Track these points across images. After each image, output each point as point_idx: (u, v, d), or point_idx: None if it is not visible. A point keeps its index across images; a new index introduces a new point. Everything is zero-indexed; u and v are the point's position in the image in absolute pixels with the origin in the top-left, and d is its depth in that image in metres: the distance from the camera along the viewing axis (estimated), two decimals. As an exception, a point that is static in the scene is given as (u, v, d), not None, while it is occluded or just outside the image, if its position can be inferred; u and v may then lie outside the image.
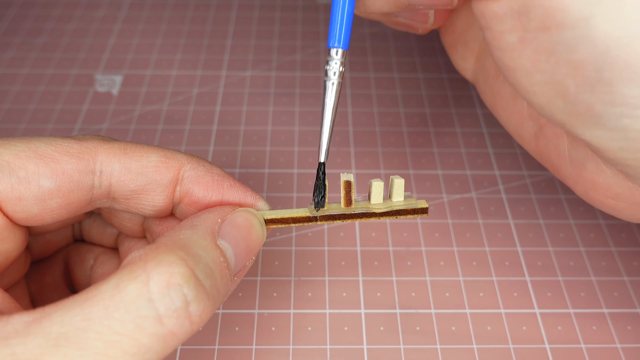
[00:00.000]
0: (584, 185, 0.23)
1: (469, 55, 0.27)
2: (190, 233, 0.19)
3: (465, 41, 0.27)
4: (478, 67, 0.27)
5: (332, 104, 0.23)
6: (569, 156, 0.23)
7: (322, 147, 0.23)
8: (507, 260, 0.30)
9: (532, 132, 0.25)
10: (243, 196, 0.22)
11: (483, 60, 0.27)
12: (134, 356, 0.16)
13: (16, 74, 0.40)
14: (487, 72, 0.26)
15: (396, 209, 0.23)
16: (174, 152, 0.22)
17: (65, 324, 0.16)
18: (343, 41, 0.22)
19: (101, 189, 0.20)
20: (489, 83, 0.26)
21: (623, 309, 0.28)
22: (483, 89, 0.27)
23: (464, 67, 0.28)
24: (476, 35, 0.27)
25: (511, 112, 0.25)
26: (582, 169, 0.22)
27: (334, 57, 0.22)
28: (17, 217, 0.19)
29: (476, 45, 0.27)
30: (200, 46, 0.43)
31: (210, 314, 0.18)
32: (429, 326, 0.27)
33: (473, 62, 0.27)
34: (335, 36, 0.22)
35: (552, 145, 0.24)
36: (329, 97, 0.23)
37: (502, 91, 0.26)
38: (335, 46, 0.22)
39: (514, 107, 0.25)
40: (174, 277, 0.17)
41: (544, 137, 0.24)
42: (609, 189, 0.22)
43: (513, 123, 0.26)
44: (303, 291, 0.28)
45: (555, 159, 0.24)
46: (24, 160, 0.19)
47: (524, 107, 0.25)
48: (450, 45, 0.28)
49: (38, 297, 0.24)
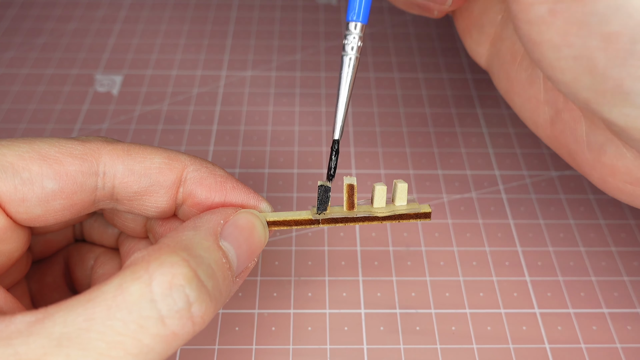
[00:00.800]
0: (601, 170, 0.22)
1: (484, 40, 0.27)
2: (192, 234, 0.19)
3: (480, 25, 0.27)
4: (493, 52, 0.27)
5: (349, 79, 0.22)
6: (586, 140, 0.22)
7: (337, 124, 0.22)
8: (507, 260, 0.30)
9: (548, 118, 0.24)
10: (246, 198, 0.22)
11: (498, 45, 0.26)
12: (136, 356, 0.16)
13: (16, 74, 0.40)
14: (502, 58, 0.26)
15: (399, 213, 0.23)
16: (177, 154, 0.22)
17: (68, 324, 0.16)
18: (363, 14, 0.21)
19: (104, 191, 0.21)
20: (504, 69, 0.26)
21: (623, 309, 0.28)
22: (498, 74, 0.27)
23: (478, 52, 0.27)
24: (492, 19, 0.26)
25: (526, 97, 0.25)
26: (601, 153, 0.22)
27: (352, 31, 0.22)
28: (20, 218, 0.20)
29: (492, 29, 0.26)
30: (200, 46, 0.43)
31: (213, 315, 0.18)
32: (429, 326, 0.27)
33: (488, 47, 0.27)
34: (355, 9, 0.21)
35: (569, 129, 0.23)
36: (346, 72, 0.22)
37: (517, 76, 0.25)
38: (354, 20, 0.22)
39: (530, 92, 0.25)
40: (177, 278, 0.17)
41: (561, 121, 0.24)
42: (628, 174, 0.21)
43: (528, 108, 0.25)
44: (303, 291, 0.28)
45: (572, 143, 0.23)
46: (27, 162, 0.19)
47: (540, 92, 0.24)
48: (464, 30, 0.28)
49: (38, 297, 0.24)
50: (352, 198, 0.22)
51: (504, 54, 0.26)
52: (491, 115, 0.37)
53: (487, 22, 0.26)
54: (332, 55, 0.42)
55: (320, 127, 0.36)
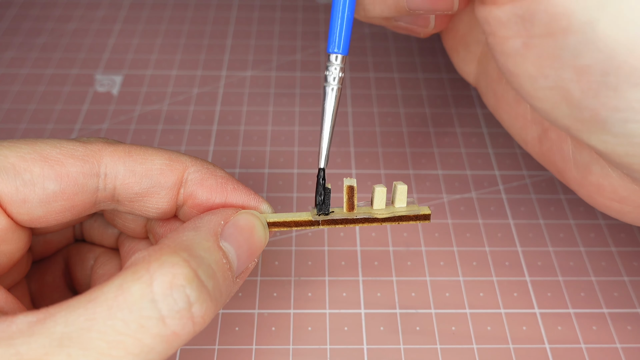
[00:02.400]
0: (588, 188, 0.23)
1: (471, 58, 0.27)
2: (193, 235, 0.19)
3: (466, 44, 0.27)
4: (480, 70, 0.27)
5: (331, 109, 0.22)
6: (573, 159, 0.23)
7: (322, 153, 0.23)
8: (507, 260, 0.30)
9: (536, 136, 0.25)
10: (246, 199, 0.22)
11: (485, 63, 0.27)
12: (137, 356, 0.16)
13: (16, 74, 0.40)
14: (489, 76, 0.26)
15: (398, 215, 0.23)
16: (178, 155, 0.22)
17: (69, 324, 0.16)
18: (343, 46, 0.22)
19: (105, 192, 0.21)
20: (492, 86, 0.26)
21: (623, 309, 0.28)
22: (485, 92, 0.27)
23: (465, 70, 0.28)
24: (478, 38, 0.27)
25: (514, 115, 0.25)
26: (587, 172, 0.22)
27: (333, 62, 0.22)
28: (21, 219, 0.20)
29: (478, 48, 0.27)
30: (200, 46, 0.43)
31: (213, 315, 0.18)
32: (429, 326, 0.27)
33: (475, 65, 0.27)
34: (335, 41, 0.22)
35: (556, 148, 0.24)
36: (329, 102, 0.22)
37: (505, 94, 0.25)
38: (335, 51, 0.22)
39: (517, 111, 0.25)
40: (177, 278, 0.17)
41: (548, 140, 0.24)
42: (614, 192, 0.22)
43: (516, 126, 0.26)
44: (303, 291, 0.28)
45: (559, 162, 0.24)
46: (29, 163, 0.19)
47: (527, 111, 0.25)
48: (451, 48, 0.28)
49: (38, 297, 0.24)
50: (352, 199, 0.22)
51: (491, 72, 0.26)
52: (491, 115, 0.37)
53: (472, 41, 0.27)
54: (332, 55, 0.42)
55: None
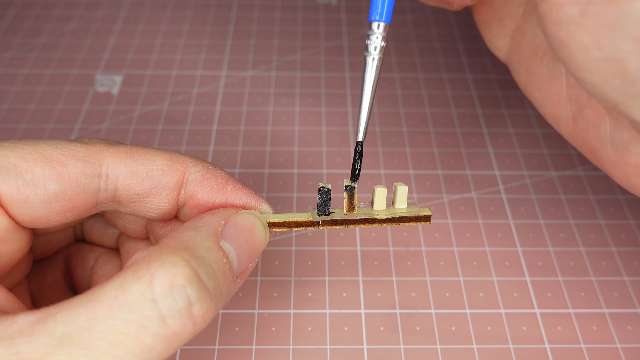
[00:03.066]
0: (625, 169, 0.22)
1: (504, 33, 0.26)
2: (193, 234, 0.19)
3: (500, 19, 0.26)
4: (513, 46, 0.26)
5: (372, 80, 0.22)
6: (610, 139, 0.22)
7: (361, 126, 0.22)
8: (507, 260, 0.30)
9: (570, 114, 0.24)
10: (247, 199, 0.22)
11: (519, 39, 0.26)
12: (138, 356, 0.16)
13: (16, 74, 0.40)
14: (522, 52, 0.25)
15: (399, 216, 0.23)
16: (179, 156, 0.22)
17: (70, 324, 0.16)
18: (386, 14, 0.21)
19: (107, 193, 0.21)
20: (524, 63, 0.25)
21: (623, 309, 0.28)
22: (517, 69, 0.26)
23: (497, 45, 0.27)
24: (513, 12, 0.26)
25: (548, 93, 0.25)
26: (625, 152, 0.22)
27: (375, 31, 0.21)
28: (22, 219, 0.20)
29: (512, 23, 0.26)
30: (200, 46, 0.43)
31: (213, 315, 0.18)
32: (429, 326, 0.27)
33: (507, 40, 0.26)
34: (378, 9, 0.21)
35: (591, 127, 0.23)
36: (369, 72, 0.22)
37: (538, 71, 0.25)
38: (377, 19, 0.21)
39: (551, 88, 0.24)
40: (178, 278, 0.17)
41: (583, 118, 0.23)
42: None
43: (549, 104, 0.25)
44: (303, 291, 0.28)
45: (594, 141, 0.23)
46: (30, 164, 0.19)
47: (562, 88, 0.24)
48: (484, 23, 0.27)
49: (38, 297, 0.24)
50: (353, 200, 0.22)
51: (525, 48, 0.25)
52: (491, 115, 0.37)
53: (507, 16, 0.26)
54: (332, 55, 0.42)
55: (321, 127, 0.36)
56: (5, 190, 0.19)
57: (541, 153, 0.35)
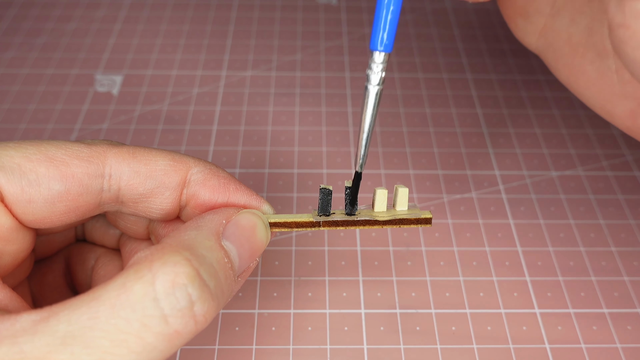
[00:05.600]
0: None
1: (532, 29, 0.25)
2: (195, 234, 0.19)
3: (526, 15, 0.25)
4: (545, 43, 0.25)
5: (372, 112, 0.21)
6: None
7: (360, 158, 0.21)
8: (507, 260, 0.30)
9: (627, 110, 0.23)
10: (248, 199, 0.22)
11: (551, 37, 0.24)
12: (140, 355, 0.16)
13: (16, 74, 0.40)
14: (558, 50, 0.24)
15: (399, 218, 0.23)
16: (181, 156, 0.22)
17: (72, 323, 0.16)
18: (387, 43, 0.20)
19: (110, 193, 0.21)
20: (563, 61, 0.24)
21: (623, 309, 0.28)
22: (555, 65, 0.25)
23: (526, 41, 0.26)
24: (539, 9, 0.24)
25: (597, 89, 0.23)
26: None
27: (376, 60, 0.20)
28: (26, 219, 0.20)
29: (540, 20, 0.25)
30: (200, 46, 0.43)
31: (215, 314, 0.18)
32: (429, 326, 0.27)
33: (536, 37, 0.25)
34: (379, 38, 0.20)
35: None
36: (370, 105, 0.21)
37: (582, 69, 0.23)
38: (379, 49, 0.20)
39: (601, 85, 0.23)
40: (179, 277, 0.17)
41: None
42: None
43: (599, 99, 0.23)
44: (303, 291, 0.28)
45: None
46: (34, 163, 0.19)
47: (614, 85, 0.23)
48: (509, 17, 0.26)
49: (39, 296, 0.24)
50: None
51: (560, 47, 0.24)
52: (491, 115, 0.37)
53: (533, 12, 0.25)
54: (332, 55, 0.42)
55: (321, 127, 0.36)
56: (10, 190, 0.19)
57: (541, 153, 0.35)
